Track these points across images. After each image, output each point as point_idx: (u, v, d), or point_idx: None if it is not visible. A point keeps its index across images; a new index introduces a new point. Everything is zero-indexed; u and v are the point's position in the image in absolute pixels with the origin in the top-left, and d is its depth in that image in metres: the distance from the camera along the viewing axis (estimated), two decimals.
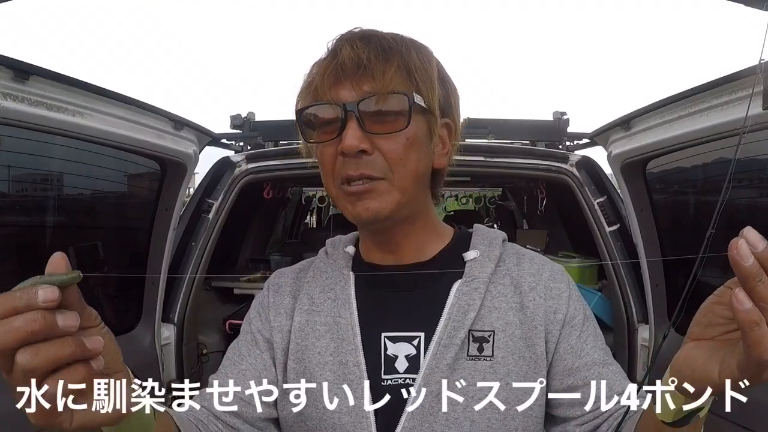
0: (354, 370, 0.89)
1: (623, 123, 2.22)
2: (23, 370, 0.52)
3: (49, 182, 2.15)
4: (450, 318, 0.89)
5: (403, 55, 0.84)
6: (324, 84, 0.84)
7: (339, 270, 0.99)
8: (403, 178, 0.85)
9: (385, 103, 0.82)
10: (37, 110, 1.64)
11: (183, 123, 2.34)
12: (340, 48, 0.83)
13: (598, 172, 2.70)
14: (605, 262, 2.62)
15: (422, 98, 0.84)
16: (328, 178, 0.88)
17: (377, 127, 0.83)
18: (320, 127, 0.86)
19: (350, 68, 0.82)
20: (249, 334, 1.00)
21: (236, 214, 3.02)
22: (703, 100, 1.78)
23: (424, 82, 0.85)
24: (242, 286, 3.64)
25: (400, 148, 0.84)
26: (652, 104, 2.04)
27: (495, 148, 2.80)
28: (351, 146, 0.81)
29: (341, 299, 0.95)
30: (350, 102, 0.82)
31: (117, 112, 1.98)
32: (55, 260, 0.57)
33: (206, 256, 2.80)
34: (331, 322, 0.94)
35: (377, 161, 0.83)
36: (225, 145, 3.02)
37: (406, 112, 0.82)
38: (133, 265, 2.61)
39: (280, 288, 1.03)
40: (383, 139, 0.83)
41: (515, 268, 0.97)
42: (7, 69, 1.53)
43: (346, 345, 0.91)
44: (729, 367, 0.57)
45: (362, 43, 0.83)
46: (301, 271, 1.05)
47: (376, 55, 0.82)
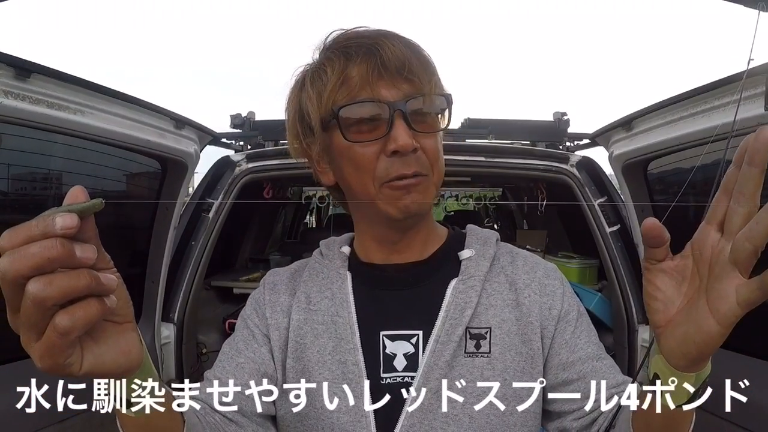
0: (353, 369, 0.89)
1: (625, 123, 2.22)
2: (34, 299, 0.48)
3: (49, 181, 2.15)
4: (447, 316, 0.91)
5: (429, 58, 0.88)
6: (365, 82, 0.84)
7: (335, 270, 0.99)
8: (438, 174, 0.90)
9: (430, 103, 0.86)
10: (38, 108, 1.64)
11: (184, 122, 2.34)
12: (377, 47, 0.84)
13: (598, 173, 2.71)
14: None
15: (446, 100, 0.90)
16: (365, 177, 0.87)
17: (423, 126, 0.86)
18: (356, 126, 0.86)
19: (394, 67, 0.83)
20: (246, 329, 1.01)
21: (236, 213, 3.02)
22: (706, 101, 1.78)
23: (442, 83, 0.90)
24: (242, 285, 3.64)
25: (436, 146, 0.88)
26: (653, 105, 2.04)
27: (495, 148, 2.80)
28: (407, 144, 0.82)
29: (339, 298, 0.95)
30: (398, 101, 0.83)
31: (118, 111, 1.97)
32: (74, 192, 0.52)
33: (206, 256, 2.80)
34: (329, 321, 0.94)
35: (422, 159, 0.86)
36: (225, 145, 3.02)
37: (446, 112, 0.89)
38: (133, 265, 2.60)
39: (275, 286, 1.03)
40: (425, 138, 0.86)
41: (509, 266, 0.99)
42: (8, 67, 1.53)
43: (345, 344, 0.91)
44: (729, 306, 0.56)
45: (396, 43, 0.84)
46: (297, 272, 1.05)
47: (410, 55, 0.84)
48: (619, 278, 2.57)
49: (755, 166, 0.53)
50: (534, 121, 3.05)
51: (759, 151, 0.53)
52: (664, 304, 0.62)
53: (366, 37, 0.86)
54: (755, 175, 0.53)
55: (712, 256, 0.58)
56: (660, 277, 0.62)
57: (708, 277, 0.59)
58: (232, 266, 4.21)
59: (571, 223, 3.73)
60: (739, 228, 0.55)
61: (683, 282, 0.62)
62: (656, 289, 0.63)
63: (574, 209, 2.81)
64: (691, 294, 0.61)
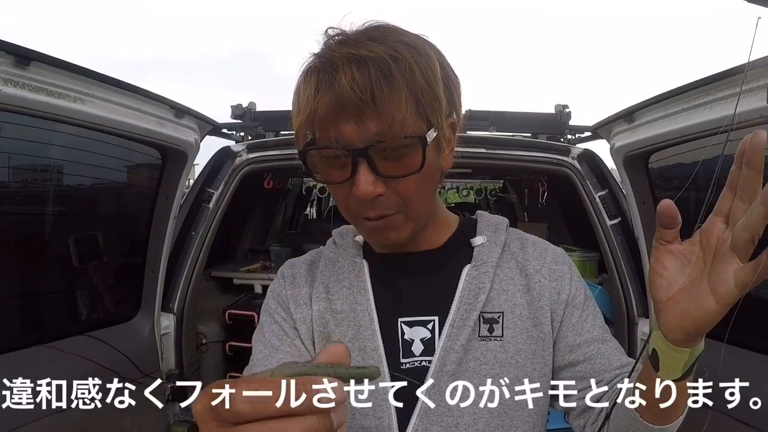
0: (373, 355, 0.91)
1: (626, 115, 2.22)
2: None
3: (48, 170, 2.15)
4: (462, 301, 0.92)
5: (408, 82, 0.76)
6: (325, 120, 0.76)
7: (351, 259, 1.00)
8: (417, 209, 0.85)
9: (398, 146, 0.77)
10: (38, 96, 1.64)
11: (184, 111, 2.34)
12: (335, 74, 0.74)
13: (599, 165, 2.70)
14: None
15: (433, 128, 0.80)
16: (342, 208, 0.89)
17: (390, 169, 0.79)
18: (327, 164, 0.82)
19: (353, 104, 0.74)
20: (274, 324, 0.99)
21: (236, 204, 3.02)
22: (707, 93, 1.77)
23: (433, 107, 0.79)
24: (242, 276, 3.65)
25: (413, 185, 0.81)
26: (655, 97, 2.03)
27: (496, 140, 2.79)
28: (366, 193, 0.78)
29: (357, 287, 0.96)
30: (358, 147, 0.76)
31: (118, 99, 1.97)
32: (338, 351, 0.46)
33: (206, 246, 2.80)
34: (348, 310, 0.95)
35: (392, 199, 0.81)
36: (226, 135, 3.01)
37: (419, 153, 0.78)
38: (132, 255, 2.61)
39: (295, 279, 1.03)
40: (397, 180, 0.80)
41: (520, 252, 1.00)
42: (8, 54, 1.53)
43: (364, 331, 0.93)
44: (728, 287, 0.60)
45: (360, 72, 0.74)
46: (313, 262, 1.05)
47: (378, 85, 0.73)
48: (620, 271, 2.57)
49: (753, 168, 0.57)
50: (535, 113, 3.04)
51: (755, 155, 0.56)
52: (668, 282, 0.66)
53: (329, 59, 0.76)
54: (753, 176, 0.57)
55: (717, 243, 0.63)
56: (667, 258, 0.66)
57: (711, 263, 0.63)
58: (233, 257, 4.22)
59: (572, 216, 3.73)
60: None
61: (688, 265, 0.66)
62: (663, 268, 0.67)
63: (574, 202, 2.81)
64: (693, 276, 0.65)
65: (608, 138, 2.44)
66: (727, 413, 0.86)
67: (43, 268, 2.22)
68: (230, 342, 3.37)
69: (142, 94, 2.08)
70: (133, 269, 2.58)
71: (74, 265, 2.23)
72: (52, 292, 2.28)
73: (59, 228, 2.25)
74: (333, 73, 0.75)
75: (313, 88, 0.76)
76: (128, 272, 2.60)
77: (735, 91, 1.66)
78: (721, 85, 1.71)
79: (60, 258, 2.23)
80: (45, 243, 2.22)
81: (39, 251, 2.18)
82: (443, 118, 0.81)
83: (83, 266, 2.30)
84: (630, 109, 2.18)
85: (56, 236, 2.24)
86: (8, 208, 2.07)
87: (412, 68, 0.76)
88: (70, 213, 2.34)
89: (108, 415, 1.97)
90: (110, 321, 2.45)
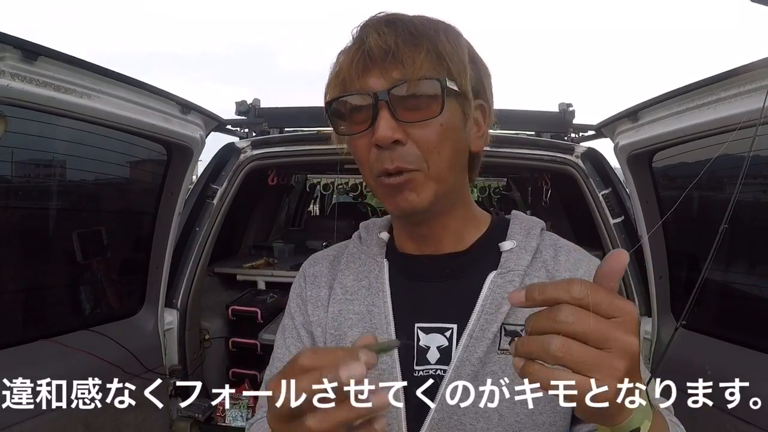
0: (386, 359, 0.88)
1: (631, 114, 2.21)
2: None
3: (54, 165, 2.16)
4: (483, 311, 0.88)
5: (432, 39, 0.79)
6: (352, 73, 0.80)
7: (373, 257, 0.98)
8: (438, 167, 0.82)
9: (417, 89, 0.78)
10: (45, 91, 1.65)
11: (190, 107, 2.34)
12: (366, 35, 0.80)
13: (603, 164, 2.70)
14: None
15: (454, 82, 0.80)
16: (364, 170, 0.85)
17: (410, 115, 0.79)
18: (350, 118, 0.83)
19: (378, 55, 0.78)
20: (293, 329, 1.01)
21: (240, 200, 3.03)
22: (712, 92, 1.77)
23: (455, 64, 0.80)
24: (245, 272, 3.66)
25: (433, 136, 0.80)
26: (660, 96, 2.03)
27: (500, 138, 2.77)
28: (384, 137, 0.78)
29: (375, 288, 0.94)
30: (381, 90, 0.78)
31: (124, 95, 1.98)
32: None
33: (210, 242, 2.81)
34: (364, 311, 0.93)
35: (411, 152, 0.80)
36: (230, 132, 3.02)
37: (439, 98, 0.78)
38: (137, 250, 2.62)
39: (316, 279, 1.02)
40: (417, 128, 0.80)
41: (552, 261, 0.93)
42: (16, 49, 1.53)
43: (380, 334, 0.89)
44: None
45: (389, 29, 0.79)
46: (336, 258, 1.04)
47: (405, 40, 0.78)
48: None
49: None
50: (540, 112, 3.04)
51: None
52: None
53: (364, 26, 0.82)
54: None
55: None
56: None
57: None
58: (236, 253, 4.22)
59: (575, 214, 3.72)
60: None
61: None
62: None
63: (578, 200, 2.81)
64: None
65: (612, 137, 2.43)
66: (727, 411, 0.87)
67: (48, 262, 2.23)
68: (233, 338, 3.38)
69: (148, 90, 2.09)
70: (138, 265, 2.59)
71: (78, 260, 2.24)
72: (57, 286, 2.29)
73: (64, 223, 2.25)
74: (363, 33, 0.81)
75: (346, 47, 0.83)
76: (132, 267, 2.60)
77: (739, 90, 1.66)
78: (725, 85, 1.71)
79: (64, 253, 2.24)
80: (50, 238, 2.23)
81: (44, 246, 2.19)
82: (467, 81, 0.82)
83: (87, 261, 2.31)
84: (634, 108, 2.18)
85: (61, 231, 2.25)
86: (14, 202, 2.08)
87: (438, 31, 0.81)
88: (75, 208, 2.35)
89: (111, 410, 1.97)
90: (114, 316, 2.46)
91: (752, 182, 1.89)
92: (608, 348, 0.52)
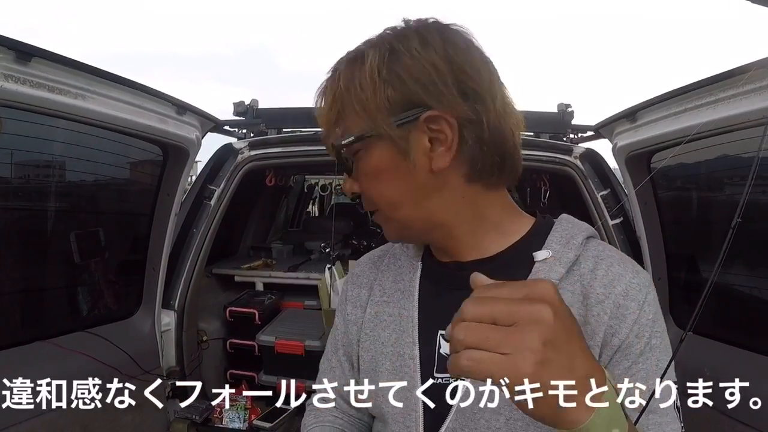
0: (409, 363, 0.90)
1: (629, 115, 2.21)
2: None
3: (50, 167, 2.15)
4: None
5: (334, 91, 0.83)
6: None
7: (410, 259, 0.99)
8: (388, 208, 0.87)
9: (335, 154, 0.84)
10: (39, 92, 1.64)
11: (186, 108, 2.33)
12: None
13: (602, 165, 2.69)
14: None
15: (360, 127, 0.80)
16: None
17: (358, 169, 0.86)
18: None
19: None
20: (333, 339, 1.09)
21: (238, 201, 3.02)
22: (710, 93, 1.76)
23: (364, 109, 0.79)
24: (243, 273, 3.65)
25: (372, 184, 0.86)
26: (658, 96, 2.02)
27: None
28: (348, 193, 0.89)
29: (407, 291, 0.95)
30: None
31: (120, 96, 1.97)
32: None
33: (207, 243, 2.80)
34: (396, 314, 0.95)
35: (368, 199, 0.88)
36: (228, 132, 3.01)
37: (350, 154, 0.84)
38: (133, 251, 2.61)
39: (358, 278, 1.06)
40: (360, 180, 0.86)
41: (589, 274, 0.85)
42: (9, 50, 1.53)
43: (406, 337, 0.92)
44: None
45: (320, 91, 0.86)
46: (380, 258, 1.06)
47: (321, 108, 0.86)
48: None
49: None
50: (538, 112, 3.02)
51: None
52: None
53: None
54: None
55: None
56: None
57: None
58: (234, 254, 4.21)
59: (574, 215, 3.70)
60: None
61: None
62: None
63: (577, 201, 2.80)
64: None
65: (611, 137, 2.43)
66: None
67: (45, 264, 2.22)
68: (231, 339, 3.37)
69: (143, 90, 2.08)
70: (134, 266, 2.58)
71: (75, 261, 2.23)
72: (53, 288, 2.28)
73: (60, 224, 2.24)
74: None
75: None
76: (129, 269, 2.59)
77: (738, 91, 1.65)
78: (724, 86, 1.70)
79: (61, 254, 2.23)
80: (46, 239, 2.22)
81: (40, 247, 2.18)
82: (382, 117, 0.78)
83: (84, 262, 2.29)
84: (633, 109, 2.18)
85: (57, 233, 2.24)
86: (9, 204, 2.07)
87: (339, 76, 0.83)
88: (71, 209, 2.34)
89: (109, 411, 1.96)
90: (111, 317, 2.45)
91: (752, 182, 1.89)
92: (516, 322, 0.55)
